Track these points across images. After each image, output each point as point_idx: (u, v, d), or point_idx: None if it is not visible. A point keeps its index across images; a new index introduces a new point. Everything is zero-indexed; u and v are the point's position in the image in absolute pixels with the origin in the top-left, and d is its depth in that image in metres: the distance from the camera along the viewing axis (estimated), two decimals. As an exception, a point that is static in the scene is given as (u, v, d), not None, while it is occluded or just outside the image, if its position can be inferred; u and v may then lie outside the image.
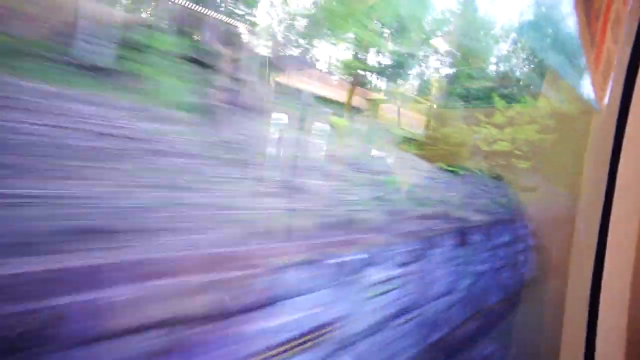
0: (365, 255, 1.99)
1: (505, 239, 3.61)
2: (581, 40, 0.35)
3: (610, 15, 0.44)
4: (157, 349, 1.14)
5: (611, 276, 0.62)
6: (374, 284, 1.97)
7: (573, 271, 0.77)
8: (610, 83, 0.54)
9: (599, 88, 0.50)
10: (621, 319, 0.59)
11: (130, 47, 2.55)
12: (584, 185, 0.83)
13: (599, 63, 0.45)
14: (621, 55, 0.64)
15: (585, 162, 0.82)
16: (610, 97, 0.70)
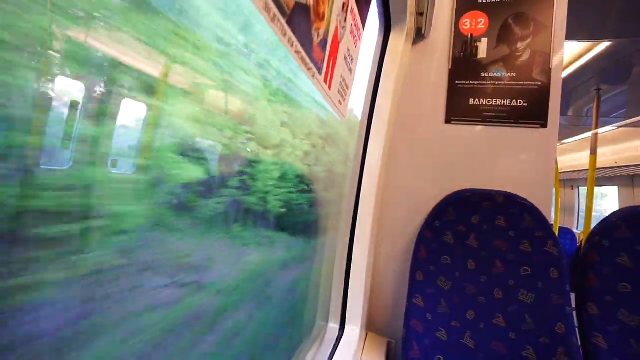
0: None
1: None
2: (304, 68, 0.46)
3: (340, 51, 0.61)
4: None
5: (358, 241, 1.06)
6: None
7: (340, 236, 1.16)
8: (348, 99, 0.76)
9: (337, 103, 0.68)
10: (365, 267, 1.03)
11: None
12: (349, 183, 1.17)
13: (331, 85, 0.60)
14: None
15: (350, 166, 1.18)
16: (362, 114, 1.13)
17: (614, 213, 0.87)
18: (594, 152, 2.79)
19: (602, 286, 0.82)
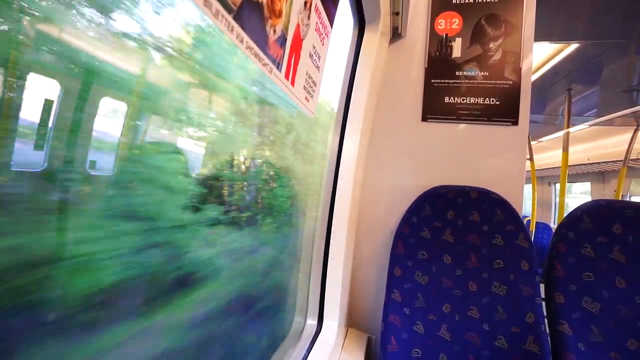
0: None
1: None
2: (259, 64, 0.45)
3: (303, 48, 0.61)
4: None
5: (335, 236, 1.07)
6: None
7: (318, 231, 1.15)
8: (316, 96, 0.74)
9: (303, 100, 0.67)
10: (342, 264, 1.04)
11: None
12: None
13: (294, 81, 0.59)
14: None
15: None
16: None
17: (579, 207, 0.91)
18: (565, 150, 2.92)
19: (568, 276, 0.85)
